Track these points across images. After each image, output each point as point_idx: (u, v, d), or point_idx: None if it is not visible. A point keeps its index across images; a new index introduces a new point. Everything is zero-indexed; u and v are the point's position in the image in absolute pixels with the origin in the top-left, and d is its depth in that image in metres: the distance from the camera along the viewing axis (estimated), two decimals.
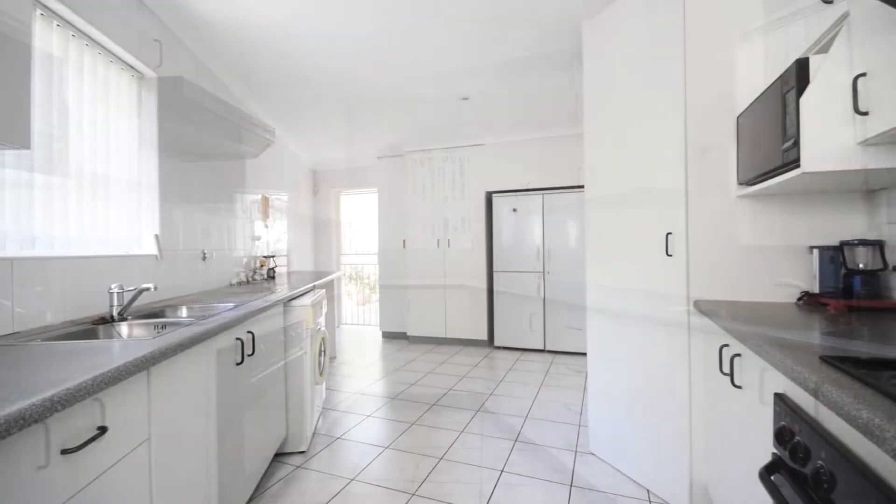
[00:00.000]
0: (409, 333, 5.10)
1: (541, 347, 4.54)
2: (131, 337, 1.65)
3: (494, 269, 4.73)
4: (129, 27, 2.08)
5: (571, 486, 2.03)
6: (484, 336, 4.78)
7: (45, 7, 1.67)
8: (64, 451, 0.84)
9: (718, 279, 1.78)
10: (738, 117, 1.74)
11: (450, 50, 2.84)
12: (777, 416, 1.01)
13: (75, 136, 1.81)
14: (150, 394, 1.13)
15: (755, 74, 1.73)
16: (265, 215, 4.02)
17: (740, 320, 1.34)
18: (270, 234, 4.16)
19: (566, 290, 4.43)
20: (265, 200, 4.03)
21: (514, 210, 4.64)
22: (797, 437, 0.90)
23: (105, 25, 1.91)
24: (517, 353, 4.51)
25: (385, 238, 5.44)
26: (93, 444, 0.90)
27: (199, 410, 1.40)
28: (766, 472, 0.99)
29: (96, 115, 1.95)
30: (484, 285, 4.77)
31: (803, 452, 0.86)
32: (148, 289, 1.70)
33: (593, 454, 2.31)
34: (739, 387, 1.31)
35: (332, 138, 4.88)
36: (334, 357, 4.48)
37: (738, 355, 1.31)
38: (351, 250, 6.76)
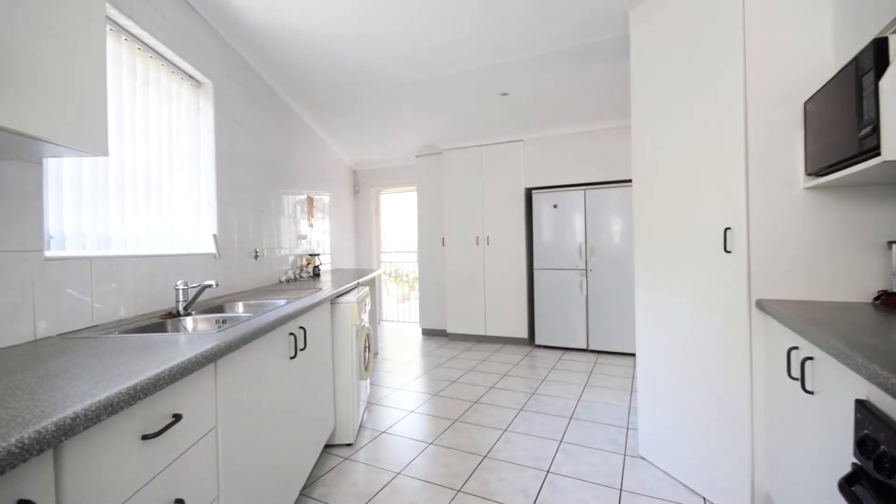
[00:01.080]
0: (448, 331, 5.12)
1: (584, 347, 4.44)
2: (196, 331, 1.75)
3: (535, 266, 4.67)
4: (188, 39, 2.20)
5: (621, 490, 1.97)
6: (524, 334, 4.73)
7: (115, 23, 1.79)
8: (144, 437, 0.90)
9: (783, 277, 1.67)
10: (805, 103, 1.63)
11: (491, 45, 2.81)
12: (858, 424, 0.94)
13: (142, 142, 1.94)
14: (216, 384, 1.20)
15: (824, 56, 1.62)
16: (310, 215, 4.16)
17: (812, 321, 1.25)
18: (314, 233, 4.29)
19: (610, 287, 4.31)
20: (309, 201, 4.16)
21: (555, 206, 4.56)
22: (882, 447, 0.83)
23: (167, 38, 2.03)
24: (559, 353, 4.44)
25: (424, 236, 5.48)
26: (169, 430, 0.96)
27: (258, 400, 1.47)
28: (847, 483, 0.92)
29: (161, 122, 2.07)
30: (524, 283, 4.72)
31: (890, 463, 0.80)
32: (210, 285, 1.79)
33: (643, 458, 2.24)
34: (811, 392, 1.23)
35: (372, 138, 4.97)
36: (376, 353, 4.58)
37: (810, 359, 1.23)
38: (390, 248, 6.88)
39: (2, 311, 1.21)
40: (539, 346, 4.68)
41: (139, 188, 1.91)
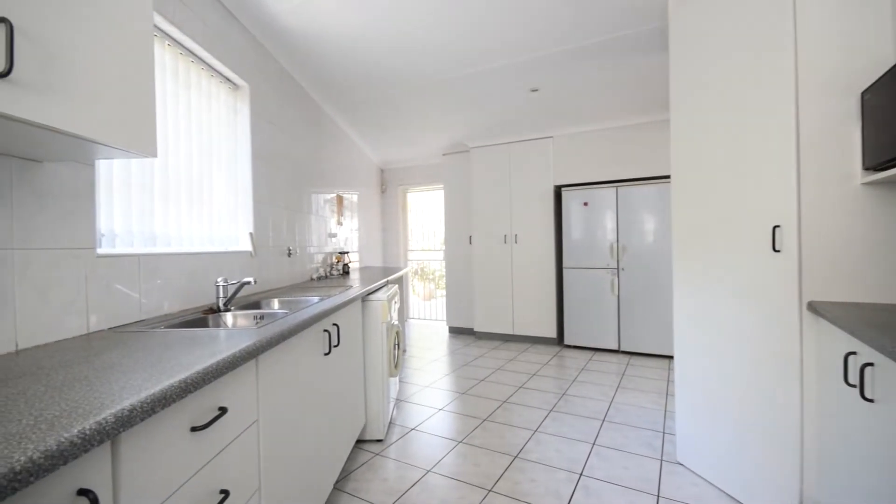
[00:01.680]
0: (475, 329, 5.11)
1: (615, 347, 4.34)
2: (236, 326, 1.80)
3: (564, 265, 4.59)
4: (227, 43, 2.26)
5: (658, 496, 1.92)
6: (553, 334, 4.67)
7: (159, 29, 1.85)
8: (193, 429, 0.92)
9: (837, 278, 1.58)
10: (862, 93, 1.53)
11: (522, 41, 2.78)
12: None
13: (185, 143, 2.00)
14: (258, 378, 1.22)
15: (883, 44, 1.52)
16: (339, 213, 4.21)
17: (872, 325, 1.18)
18: (343, 231, 4.35)
19: (643, 287, 4.20)
20: (339, 199, 4.22)
21: (586, 204, 4.47)
22: None
23: (207, 42, 2.09)
24: (589, 353, 4.35)
25: (451, 234, 5.48)
26: (216, 422, 0.99)
27: (295, 395, 1.50)
28: None
29: (201, 124, 2.14)
30: (553, 282, 4.66)
31: None
32: (249, 282, 1.84)
33: (681, 464, 2.17)
34: (871, 400, 1.15)
35: (400, 137, 5.00)
36: (405, 350, 4.60)
37: (871, 364, 1.15)
38: (417, 246, 6.90)
39: (58, 305, 1.27)
40: (568, 347, 4.60)
41: (182, 188, 1.97)
